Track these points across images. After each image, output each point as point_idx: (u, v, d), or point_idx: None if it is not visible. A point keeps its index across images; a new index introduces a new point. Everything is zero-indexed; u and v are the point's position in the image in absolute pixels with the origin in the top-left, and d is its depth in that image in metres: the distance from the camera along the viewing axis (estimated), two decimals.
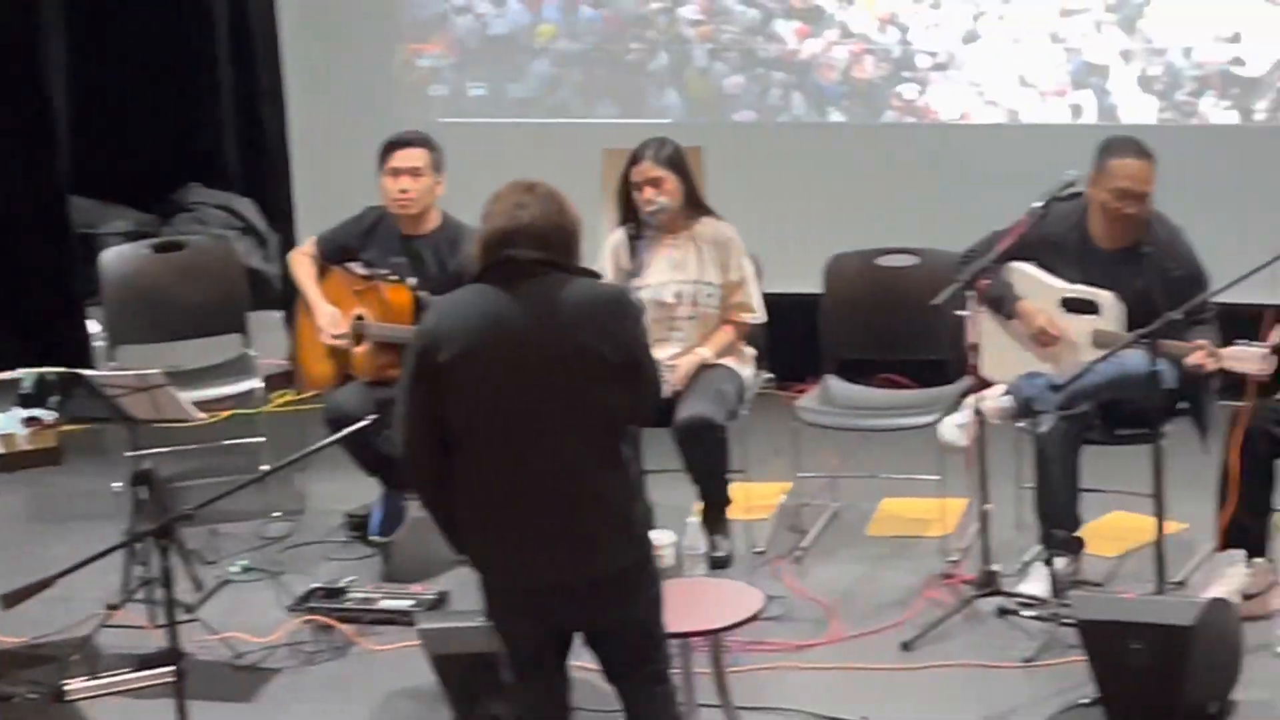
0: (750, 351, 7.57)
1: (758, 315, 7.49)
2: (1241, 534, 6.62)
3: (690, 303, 7.38)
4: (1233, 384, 6.57)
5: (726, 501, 7.33)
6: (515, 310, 4.87)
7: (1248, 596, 6.57)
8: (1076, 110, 9.08)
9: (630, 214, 7.33)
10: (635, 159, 7.34)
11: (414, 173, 7.46)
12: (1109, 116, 8.96)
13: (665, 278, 7.35)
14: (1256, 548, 6.65)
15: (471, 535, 4.98)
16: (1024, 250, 6.98)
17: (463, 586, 6.66)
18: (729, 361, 7.41)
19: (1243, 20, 8.79)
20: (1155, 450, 6.32)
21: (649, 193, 7.27)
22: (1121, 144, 6.95)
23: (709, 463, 7.21)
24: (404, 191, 7.46)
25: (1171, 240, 6.96)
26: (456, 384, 4.87)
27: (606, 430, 4.93)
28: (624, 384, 4.92)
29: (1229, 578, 6.59)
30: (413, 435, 4.95)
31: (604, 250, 7.37)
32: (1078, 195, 6.99)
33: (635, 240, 7.25)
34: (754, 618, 5.61)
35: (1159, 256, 6.90)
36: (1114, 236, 6.92)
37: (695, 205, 7.43)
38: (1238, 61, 8.85)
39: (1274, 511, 6.75)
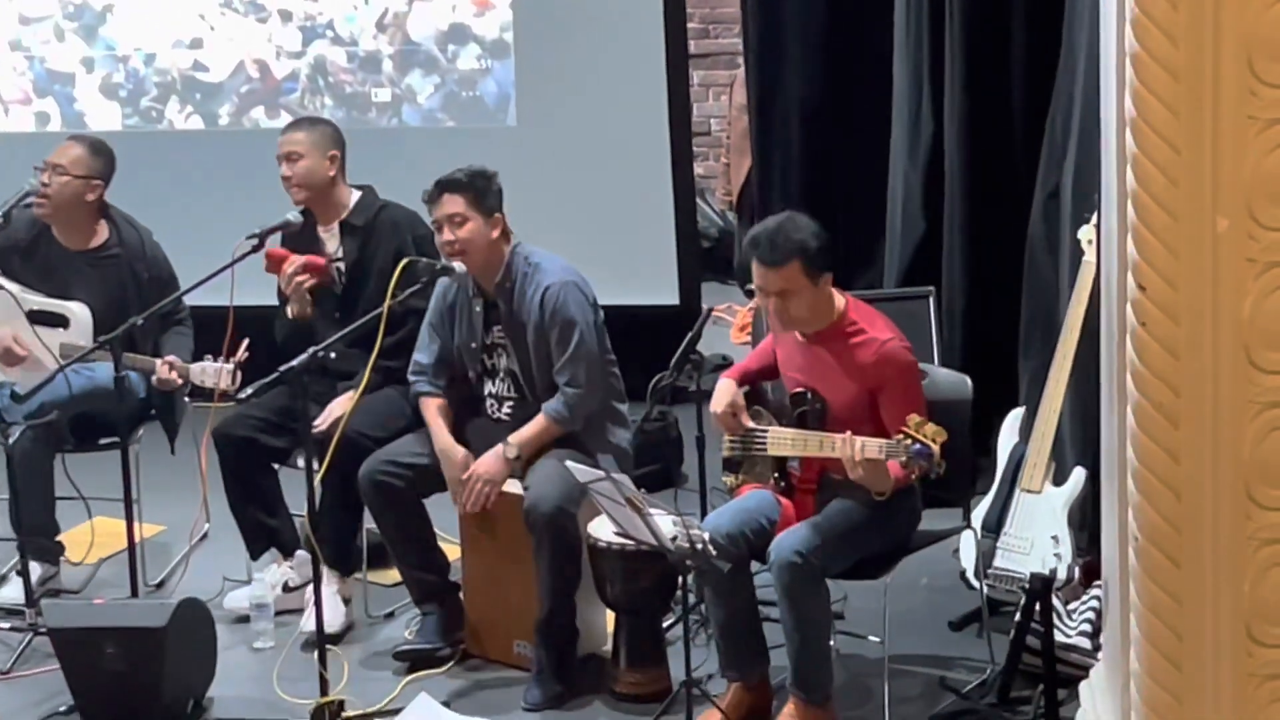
0: None
1: None
2: (270, 534, 6.76)
3: None
4: (202, 391, 6.68)
5: None
6: None
7: (289, 589, 6.74)
8: (42, 118, 9.02)
9: None
10: None
11: None
12: (76, 124, 8.94)
13: None
14: (289, 545, 6.80)
15: None
16: None
17: None
18: None
19: (203, 27, 8.94)
20: (124, 456, 6.35)
21: None
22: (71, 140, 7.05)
23: None
24: None
25: (141, 243, 7.03)
26: None
27: None
28: None
29: (271, 573, 6.75)
30: None
31: None
32: None
33: None
34: None
35: (129, 260, 6.97)
36: (74, 239, 6.95)
37: None
38: (200, 67, 8.99)
39: (288, 512, 6.85)
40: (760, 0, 8.27)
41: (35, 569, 6.71)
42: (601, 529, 5.90)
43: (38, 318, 6.87)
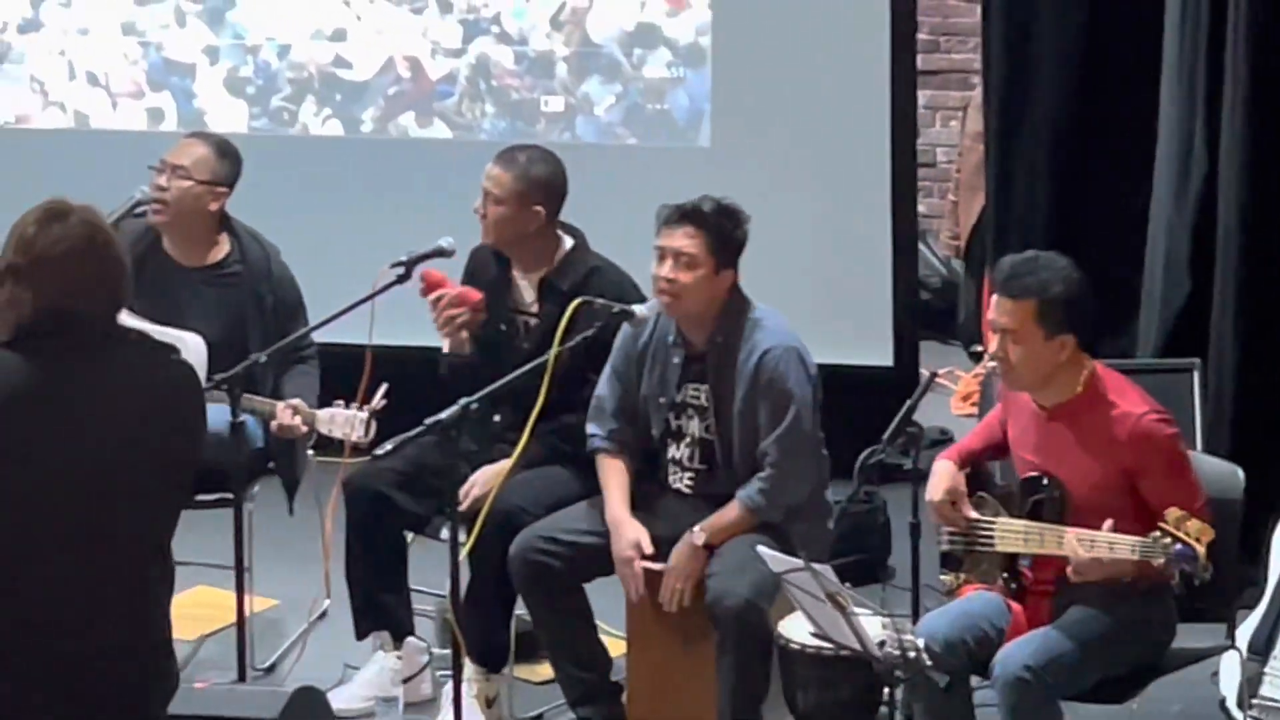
0: None
1: None
2: (380, 613, 6.81)
3: None
4: (329, 442, 6.76)
5: None
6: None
7: (404, 680, 6.80)
8: (156, 115, 9.16)
9: None
10: None
11: None
12: (194, 123, 9.03)
13: None
14: (401, 626, 6.85)
15: None
16: None
17: None
18: None
19: (348, 17, 9.06)
20: (238, 515, 6.45)
21: None
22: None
23: None
24: None
25: (267, 261, 7.13)
26: None
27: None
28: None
29: (375, 662, 6.83)
30: None
31: None
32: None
33: None
34: None
35: (252, 280, 7.07)
36: (190, 253, 7.09)
37: None
38: (342, 63, 9.11)
39: (408, 589, 6.93)
40: (1006, 8, 8.25)
41: None
42: (795, 628, 5.92)
43: None
